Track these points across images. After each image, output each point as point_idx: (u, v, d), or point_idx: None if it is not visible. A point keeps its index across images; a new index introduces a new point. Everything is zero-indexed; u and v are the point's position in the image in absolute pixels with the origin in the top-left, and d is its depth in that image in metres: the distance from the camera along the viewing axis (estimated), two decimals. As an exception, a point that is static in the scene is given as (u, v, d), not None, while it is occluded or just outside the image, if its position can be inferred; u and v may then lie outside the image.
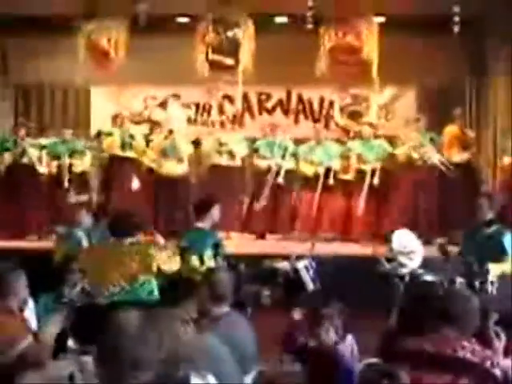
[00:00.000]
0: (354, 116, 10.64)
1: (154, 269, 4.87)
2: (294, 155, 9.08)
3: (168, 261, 5.07)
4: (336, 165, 8.94)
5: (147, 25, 9.49)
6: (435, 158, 8.56)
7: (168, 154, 8.91)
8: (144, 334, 2.12)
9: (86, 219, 6.72)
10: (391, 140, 9.30)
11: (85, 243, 6.46)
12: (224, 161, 9.02)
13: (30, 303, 4.38)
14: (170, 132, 9.07)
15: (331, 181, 8.81)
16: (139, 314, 2.21)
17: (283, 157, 8.99)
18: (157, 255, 4.98)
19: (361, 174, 8.81)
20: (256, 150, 9.21)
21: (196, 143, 9.33)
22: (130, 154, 9.01)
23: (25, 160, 8.86)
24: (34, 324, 4.09)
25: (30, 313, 4.31)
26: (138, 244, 5.10)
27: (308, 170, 9.00)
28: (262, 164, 9.10)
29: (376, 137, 9.22)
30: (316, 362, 3.61)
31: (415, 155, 8.60)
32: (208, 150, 9.14)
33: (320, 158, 8.97)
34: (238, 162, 9.14)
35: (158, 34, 9.80)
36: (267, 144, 9.16)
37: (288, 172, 8.99)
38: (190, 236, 5.72)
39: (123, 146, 8.97)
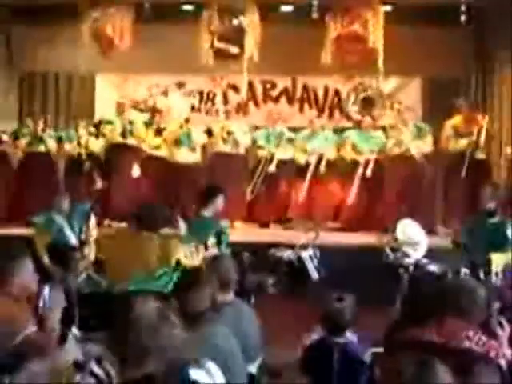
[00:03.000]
0: (367, 103, 10.57)
1: (173, 262, 4.83)
2: (291, 144, 9.12)
3: (190, 256, 5.04)
4: (329, 154, 8.96)
5: (152, 13, 9.48)
6: (419, 148, 8.57)
7: (182, 143, 8.93)
8: (154, 322, 2.13)
9: (64, 204, 6.66)
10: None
11: (66, 229, 6.44)
12: (228, 149, 9.03)
13: (46, 290, 4.34)
14: (187, 121, 9.09)
15: (322, 169, 8.85)
16: (151, 303, 2.22)
17: (277, 146, 9.03)
18: (179, 249, 4.94)
19: (355, 163, 8.85)
20: (255, 141, 9.24)
21: (209, 133, 9.31)
22: (130, 141, 9.00)
23: (41, 148, 9.03)
24: (40, 311, 4.09)
25: (42, 300, 4.29)
26: (161, 236, 5.04)
27: (301, 158, 9.05)
28: (260, 153, 9.15)
29: (376, 128, 9.25)
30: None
31: (396, 147, 8.63)
32: (215, 137, 9.14)
33: (313, 146, 9.01)
34: (241, 151, 9.15)
35: (162, 22, 9.77)
36: (265, 134, 9.22)
37: (285, 161, 9.03)
38: (194, 224, 5.72)
39: (123, 134, 8.97)
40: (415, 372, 2.12)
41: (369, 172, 8.69)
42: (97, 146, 9.14)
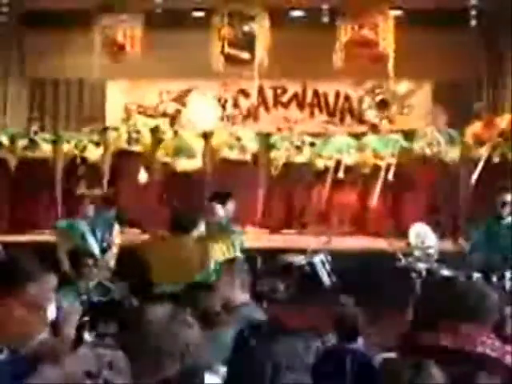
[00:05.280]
0: (383, 105, 10.51)
1: (212, 265, 4.89)
2: (310, 149, 9.08)
3: (224, 253, 5.10)
4: (348, 159, 8.91)
5: (163, 19, 9.51)
6: (451, 155, 8.53)
7: (181, 151, 8.90)
8: (170, 328, 2.13)
9: (90, 211, 6.71)
10: (407, 134, 9.29)
11: (89, 235, 6.46)
12: (234, 155, 9.00)
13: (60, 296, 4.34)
14: (175, 133, 9.06)
15: (341, 174, 8.77)
16: (166, 308, 2.21)
17: (299, 150, 8.99)
18: (212, 249, 5.00)
19: (377, 168, 8.76)
20: (273, 146, 9.19)
21: (205, 136, 9.29)
22: (136, 148, 9.00)
23: (38, 153, 8.95)
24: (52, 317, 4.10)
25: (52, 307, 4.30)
26: (197, 239, 5.11)
27: (319, 163, 9.00)
28: (279, 158, 9.07)
29: (393, 131, 9.21)
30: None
31: (428, 151, 8.56)
32: (220, 143, 9.12)
33: (330, 151, 8.96)
34: (248, 157, 9.12)
35: (173, 28, 9.80)
36: (282, 138, 9.17)
37: (303, 165, 9.00)
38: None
39: (129, 141, 8.96)
40: (410, 374, 2.12)
41: (390, 176, 8.62)
42: (94, 153, 9.10)
